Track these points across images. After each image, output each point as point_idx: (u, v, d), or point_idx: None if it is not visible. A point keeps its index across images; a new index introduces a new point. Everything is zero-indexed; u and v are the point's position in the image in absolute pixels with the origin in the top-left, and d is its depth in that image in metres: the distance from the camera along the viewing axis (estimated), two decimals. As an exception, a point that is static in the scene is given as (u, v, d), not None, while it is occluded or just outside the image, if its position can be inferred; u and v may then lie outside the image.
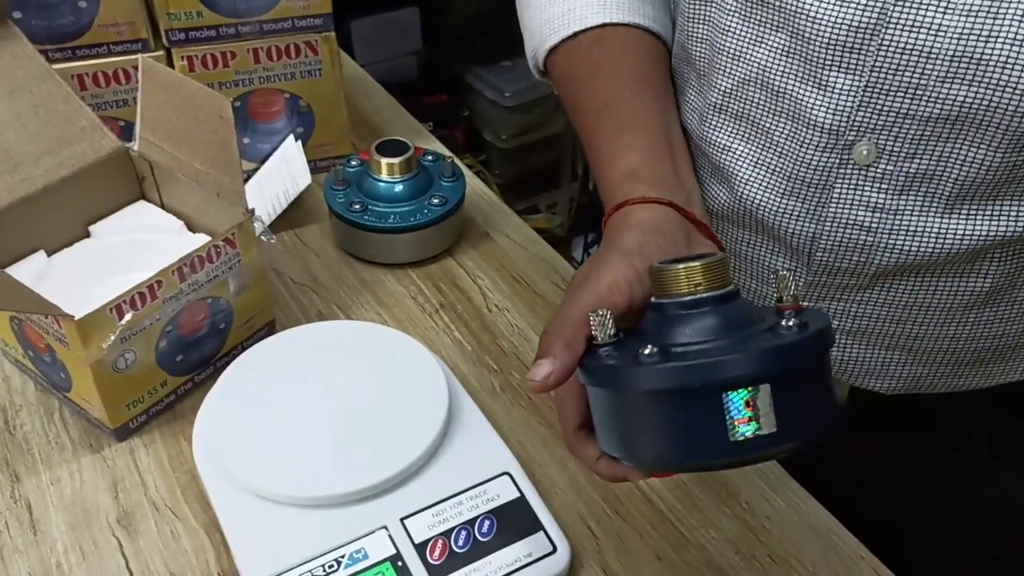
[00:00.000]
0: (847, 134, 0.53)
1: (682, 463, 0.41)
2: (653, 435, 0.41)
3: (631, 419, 0.41)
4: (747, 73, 0.56)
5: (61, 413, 0.65)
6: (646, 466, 0.43)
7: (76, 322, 0.56)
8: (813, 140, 0.54)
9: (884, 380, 0.63)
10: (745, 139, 0.58)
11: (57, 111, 0.69)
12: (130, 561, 0.56)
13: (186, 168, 0.68)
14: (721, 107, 0.59)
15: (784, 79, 0.54)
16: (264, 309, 0.69)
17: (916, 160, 0.52)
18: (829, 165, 0.54)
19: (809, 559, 0.57)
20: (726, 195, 0.61)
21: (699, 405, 0.39)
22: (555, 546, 0.55)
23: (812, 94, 0.53)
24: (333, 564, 0.53)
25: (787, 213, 0.57)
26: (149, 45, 0.78)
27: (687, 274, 0.42)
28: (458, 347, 0.71)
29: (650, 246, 0.48)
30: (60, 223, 0.70)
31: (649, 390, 0.40)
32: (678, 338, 0.41)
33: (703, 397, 0.38)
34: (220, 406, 0.61)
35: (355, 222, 0.76)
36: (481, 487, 0.57)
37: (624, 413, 0.42)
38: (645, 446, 0.41)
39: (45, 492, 0.60)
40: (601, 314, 0.43)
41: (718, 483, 0.61)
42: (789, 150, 0.56)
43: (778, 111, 0.55)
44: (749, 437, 0.38)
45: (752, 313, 0.42)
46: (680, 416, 0.39)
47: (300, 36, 0.81)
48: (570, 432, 0.47)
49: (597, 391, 0.43)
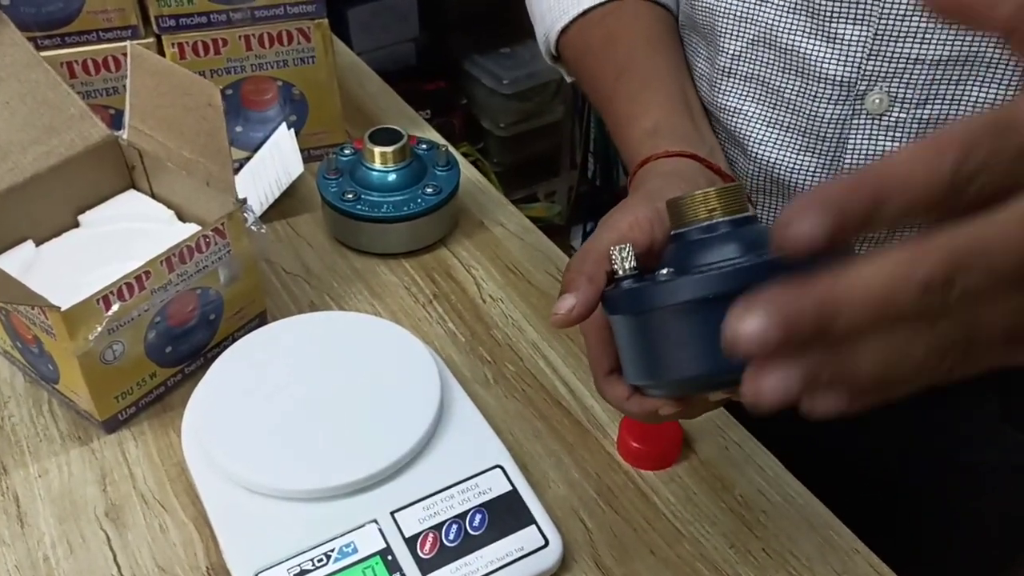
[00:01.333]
0: (858, 84, 0.53)
1: (706, 377, 0.40)
2: (675, 352, 0.40)
3: (653, 341, 0.41)
4: (755, 33, 0.56)
5: (50, 405, 0.64)
6: (673, 387, 0.42)
7: (62, 313, 0.55)
8: (825, 93, 0.54)
9: None
10: (756, 100, 0.59)
11: (46, 99, 0.69)
12: (118, 554, 0.56)
13: (176, 157, 0.67)
14: (730, 71, 0.59)
15: (792, 35, 0.54)
16: (255, 300, 0.69)
17: (928, 106, 0.52)
18: (842, 117, 0.54)
19: (804, 553, 0.56)
20: (742, 159, 0.61)
21: (716, 316, 0.38)
22: (547, 540, 0.55)
23: (821, 48, 0.53)
24: (322, 558, 0.53)
25: (804, 170, 0.57)
26: (139, 32, 0.77)
27: (703, 199, 0.42)
28: (451, 338, 0.70)
29: (673, 189, 0.48)
30: (49, 212, 0.69)
31: (667, 305, 0.39)
32: (697, 261, 0.41)
33: (719, 307, 0.38)
34: (209, 398, 0.60)
35: (348, 211, 0.76)
36: (473, 480, 0.57)
37: (646, 336, 0.41)
38: (669, 364, 0.41)
39: (33, 484, 0.59)
40: (621, 247, 0.43)
41: (713, 476, 0.61)
42: (801, 106, 0.56)
43: (788, 68, 0.55)
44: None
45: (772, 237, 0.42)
46: (699, 329, 0.39)
47: (292, 23, 0.80)
48: (600, 377, 0.47)
49: (619, 320, 0.43)
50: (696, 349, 0.39)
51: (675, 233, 0.43)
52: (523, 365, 0.68)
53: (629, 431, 0.61)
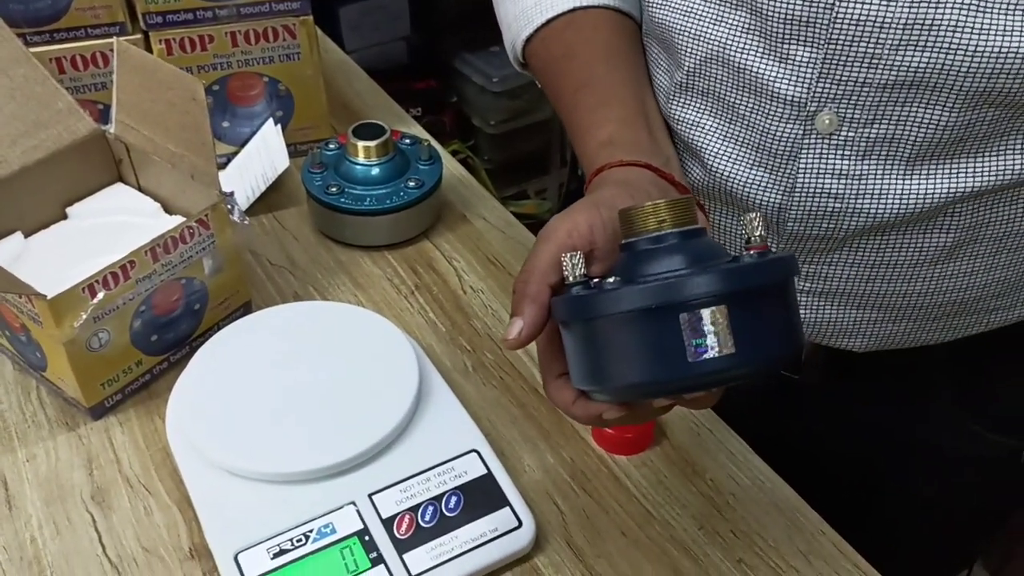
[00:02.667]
0: (809, 105, 0.54)
1: (646, 385, 0.41)
2: (617, 359, 0.41)
3: (597, 347, 0.42)
4: (709, 51, 0.57)
5: (38, 392, 0.66)
6: (614, 393, 0.44)
7: (48, 301, 0.57)
8: (777, 112, 0.56)
9: (856, 339, 0.64)
10: (712, 114, 0.60)
11: (34, 94, 0.70)
12: (103, 536, 0.57)
13: (161, 151, 0.69)
14: (687, 85, 0.60)
15: (746, 55, 0.55)
16: (239, 290, 0.70)
17: (876, 125, 0.54)
18: (794, 135, 0.56)
19: (771, 534, 0.58)
20: (699, 171, 0.62)
21: (657, 326, 0.39)
22: (520, 521, 0.56)
23: (774, 68, 0.54)
24: (301, 538, 0.54)
25: (757, 184, 0.59)
26: (127, 28, 0.79)
27: (653, 211, 0.43)
28: (432, 328, 0.72)
29: (622, 197, 0.49)
30: (37, 205, 0.70)
31: (609, 314, 0.41)
32: (644, 271, 0.42)
33: (660, 317, 0.39)
34: (193, 384, 0.62)
35: (332, 204, 0.77)
36: (449, 464, 0.58)
37: (590, 342, 0.42)
38: (611, 371, 0.42)
39: (21, 469, 0.61)
40: (572, 254, 0.44)
41: (684, 461, 0.62)
42: (755, 123, 0.57)
43: (742, 86, 0.57)
44: (707, 358, 0.39)
45: (718, 251, 0.43)
46: (640, 338, 0.40)
47: (278, 20, 0.81)
48: (549, 381, 0.48)
49: (567, 327, 0.44)
50: (639, 357, 0.41)
51: (625, 243, 0.44)
52: (501, 354, 0.70)
53: (603, 417, 0.62)
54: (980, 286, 0.61)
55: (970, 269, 0.60)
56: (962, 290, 0.61)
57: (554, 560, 0.57)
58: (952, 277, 0.60)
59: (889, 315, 0.63)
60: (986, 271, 0.60)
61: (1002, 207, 0.57)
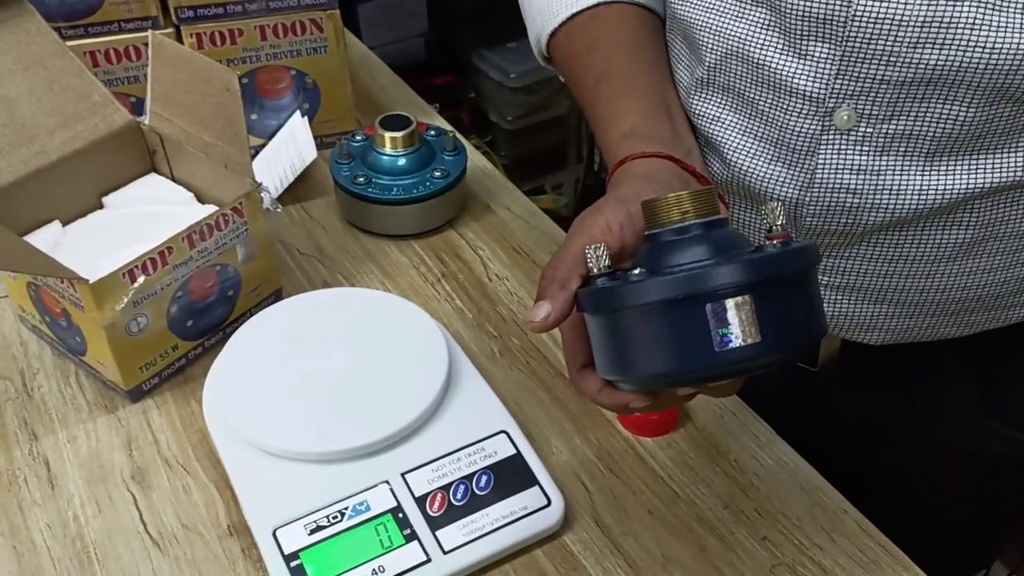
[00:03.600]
0: (827, 101, 0.55)
1: (672, 375, 0.42)
2: (643, 349, 0.42)
3: (623, 338, 0.43)
4: (729, 47, 0.58)
5: (77, 376, 0.68)
6: (641, 382, 0.44)
7: (90, 285, 0.59)
8: (796, 108, 0.56)
9: (874, 333, 0.65)
10: (732, 109, 0.61)
11: (71, 86, 0.72)
12: (144, 514, 0.59)
13: (195, 141, 0.70)
14: (708, 81, 0.61)
15: (765, 51, 0.56)
16: (271, 278, 0.72)
17: (894, 121, 0.54)
18: (812, 131, 0.56)
19: (795, 513, 0.59)
20: (719, 165, 0.63)
21: (683, 316, 0.40)
22: (550, 500, 0.57)
23: (793, 64, 0.55)
24: (337, 515, 0.56)
25: (775, 179, 0.60)
26: (159, 23, 0.81)
27: (676, 202, 0.43)
28: (459, 314, 0.73)
29: (645, 191, 0.50)
30: (74, 194, 0.72)
31: (636, 305, 0.41)
32: (668, 262, 0.43)
33: (686, 308, 0.40)
34: (229, 368, 0.63)
35: (359, 194, 0.79)
36: (479, 444, 0.60)
37: (617, 334, 0.43)
38: (637, 362, 0.42)
39: (62, 450, 0.63)
40: (596, 247, 0.45)
41: (708, 443, 0.64)
42: (774, 118, 0.58)
43: (761, 82, 0.57)
44: (733, 347, 0.39)
45: (741, 240, 0.44)
46: (666, 328, 0.41)
47: (305, 14, 0.83)
48: (575, 371, 0.48)
49: (593, 318, 0.45)
50: (665, 347, 0.41)
51: (649, 234, 0.45)
52: (527, 339, 0.71)
53: (628, 400, 0.64)
54: (998, 283, 0.62)
55: (988, 266, 0.60)
56: (980, 287, 0.62)
57: (583, 538, 0.58)
58: (970, 273, 0.61)
59: (906, 310, 0.63)
60: (1005, 268, 0.61)
61: (1021, 203, 0.58)
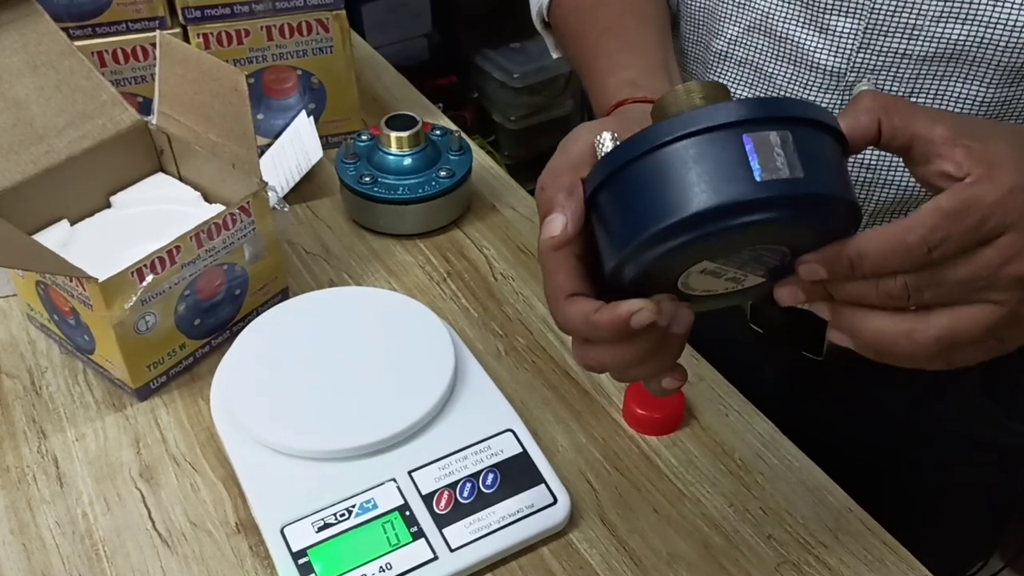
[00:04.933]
0: (848, 75, 0.56)
1: (712, 212, 0.37)
2: (681, 189, 0.37)
3: (655, 184, 0.38)
4: (752, 20, 0.59)
5: (85, 375, 0.68)
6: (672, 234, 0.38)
7: (99, 284, 0.59)
8: (816, 82, 0.57)
9: None
10: (749, 85, 0.61)
11: (79, 86, 0.72)
12: (152, 511, 0.59)
13: (203, 140, 0.71)
14: (726, 54, 0.61)
15: (787, 24, 0.57)
16: (278, 277, 0.72)
17: (913, 98, 0.55)
18: (831, 106, 0.57)
19: (800, 511, 0.59)
20: None
21: (723, 148, 0.37)
22: (556, 498, 0.58)
23: (815, 38, 0.56)
24: (344, 513, 0.56)
25: None
26: (166, 23, 0.81)
27: (686, 91, 0.40)
28: (464, 313, 0.74)
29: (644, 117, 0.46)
30: (82, 193, 0.72)
31: (676, 137, 0.38)
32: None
33: (726, 140, 0.37)
34: (236, 366, 0.64)
35: (365, 194, 0.79)
36: (485, 443, 0.60)
37: (645, 184, 0.39)
38: (674, 204, 0.38)
39: (71, 448, 0.63)
40: (604, 135, 0.41)
41: (713, 442, 0.64)
42: (793, 94, 0.59)
43: (781, 56, 0.58)
44: (775, 179, 0.37)
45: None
46: (705, 162, 0.37)
47: (312, 14, 0.83)
48: (561, 301, 0.42)
49: (612, 186, 0.40)
50: (704, 182, 0.37)
51: None
52: (533, 339, 0.71)
53: (634, 398, 0.64)
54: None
55: None
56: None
57: (588, 536, 0.58)
58: None
59: None
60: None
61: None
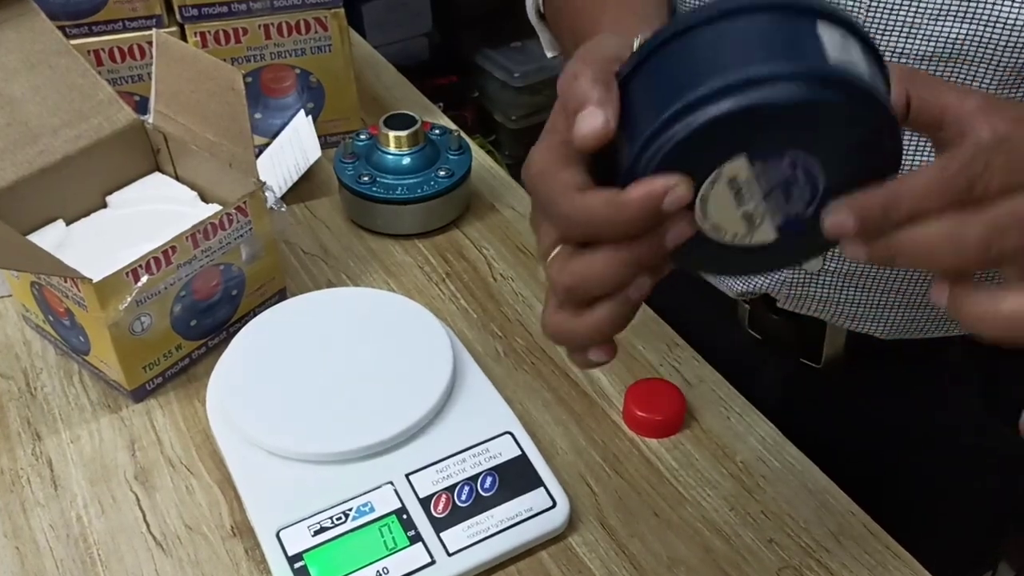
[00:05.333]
0: None
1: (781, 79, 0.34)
2: (745, 51, 0.35)
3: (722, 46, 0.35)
4: None
5: (80, 376, 0.67)
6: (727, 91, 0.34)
7: (94, 285, 0.58)
8: None
9: (879, 324, 0.65)
10: None
11: (75, 85, 0.71)
12: (147, 514, 0.59)
13: (199, 140, 0.70)
14: None
15: None
16: (275, 277, 0.71)
17: None
18: None
19: (802, 515, 0.59)
20: None
21: (797, 25, 0.35)
22: (555, 501, 0.57)
23: None
24: (341, 516, 0.55)
25: None
26: (163, 21, 0.80)
27: None
28: (464, 314, 0.73)
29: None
30: (78, 193, 0.72)
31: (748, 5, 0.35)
32: None
33: (800, 18, 0.35)
34: (233, 366, 0.63)
35: (364, 194, 0.78)
36: (484, 445, 0.59)
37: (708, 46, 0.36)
38: (732, 65, 0.34)
39: (66, 450, 0.62)
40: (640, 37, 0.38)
41: (715, 444, 0.63)
42: None
43: None
44: (846, 63, 0.35)
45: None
46: (778, 33, 0.35)
47: (310, 12, 0.82)
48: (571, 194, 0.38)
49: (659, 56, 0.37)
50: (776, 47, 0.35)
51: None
52: (532, 340, 0.71)
53: (635, 400, 0.64)
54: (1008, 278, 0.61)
55: None
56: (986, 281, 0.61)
57: (588, 540, 0.58)
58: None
59: (912, 300, 0.63)
60: None
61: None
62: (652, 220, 0.36)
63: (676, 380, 0.67)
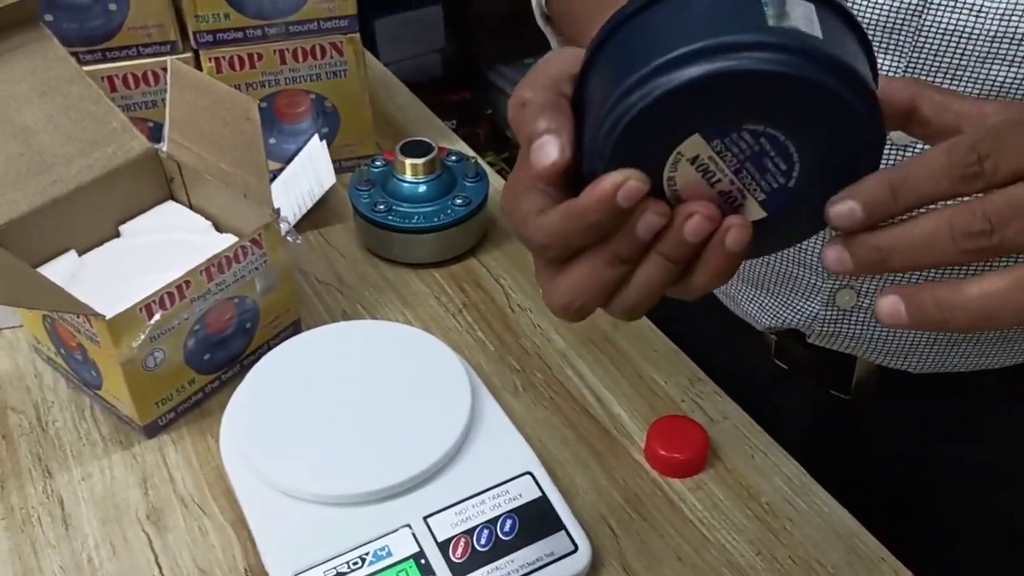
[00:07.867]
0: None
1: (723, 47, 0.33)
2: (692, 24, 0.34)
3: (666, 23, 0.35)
4: None
5: (92, 410, 0.66)
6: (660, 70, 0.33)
7: (107, 322, 0.57)
8: None
9: (911, 359, 0.64)
10: None
11: (88, 113, 0.71)
12: (159, 556, 0.57)
13: (214, 169, 0.69)
14: None
15: None
16: (290, 308, 0.70)
17: None
18: None
19: (830, 560, 0.57)
20: None
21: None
22: (576, 545, 0.56)
23: None
24: (357, 561, 0.54)
25: None
26: (178, 47, 0.79)
27: None
28: (481, 347, 0.72)
29: None
30: (91, 223, 0.71)
31: None
32: None
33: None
34: (247, 404, 0.62)
35: (379, 222, 0.77)
36: (503, 486, 0.58)
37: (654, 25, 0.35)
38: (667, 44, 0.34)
39: (76, 488, 0.61)
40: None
41: (739, 485, 0.62)
42: None
43: None
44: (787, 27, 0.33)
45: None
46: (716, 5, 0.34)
47: (325, 37, 0.81)
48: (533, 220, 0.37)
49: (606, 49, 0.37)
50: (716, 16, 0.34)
51: None
52: (551, 374, 0.69)
53: (657, 439, 0.62)
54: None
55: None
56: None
57: (610, 585, 0.56)
58: None
59: (950, 337, 0.62)
60: None
61: None
62: (619, 217, 0.35)
63: (698, 416, 0.66)
